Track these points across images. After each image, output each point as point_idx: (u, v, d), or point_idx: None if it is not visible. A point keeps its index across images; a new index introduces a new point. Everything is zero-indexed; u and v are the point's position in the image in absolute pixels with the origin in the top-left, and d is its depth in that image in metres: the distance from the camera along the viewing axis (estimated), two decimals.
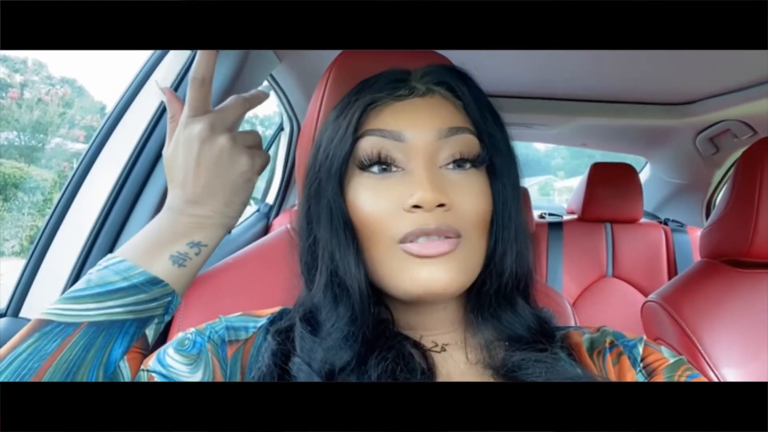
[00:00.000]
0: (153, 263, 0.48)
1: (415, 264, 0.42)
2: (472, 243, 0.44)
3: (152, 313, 0.47)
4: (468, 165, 0.45)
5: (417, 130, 0.44)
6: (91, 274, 0.47)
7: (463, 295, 0.47)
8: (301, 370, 0.42)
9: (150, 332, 0.48)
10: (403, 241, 0.42)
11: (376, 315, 0.45)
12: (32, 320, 0.44)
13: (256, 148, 0.55)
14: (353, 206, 0.45)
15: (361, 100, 0.47)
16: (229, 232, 0.55)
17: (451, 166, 0.45)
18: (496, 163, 0.47)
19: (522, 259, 0.47)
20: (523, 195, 0.50)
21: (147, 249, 0.49)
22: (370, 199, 0.44)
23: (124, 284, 0.46)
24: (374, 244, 0.44)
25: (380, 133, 0.45)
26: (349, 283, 0.44)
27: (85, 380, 0.42)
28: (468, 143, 0.45)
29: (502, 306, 0.48)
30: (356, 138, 0.45)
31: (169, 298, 0.49)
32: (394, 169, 0.45)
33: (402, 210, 0.43)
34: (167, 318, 0.50)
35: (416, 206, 0.42)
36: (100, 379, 0.43)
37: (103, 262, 0.48)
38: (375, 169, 0.45)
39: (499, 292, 0.47)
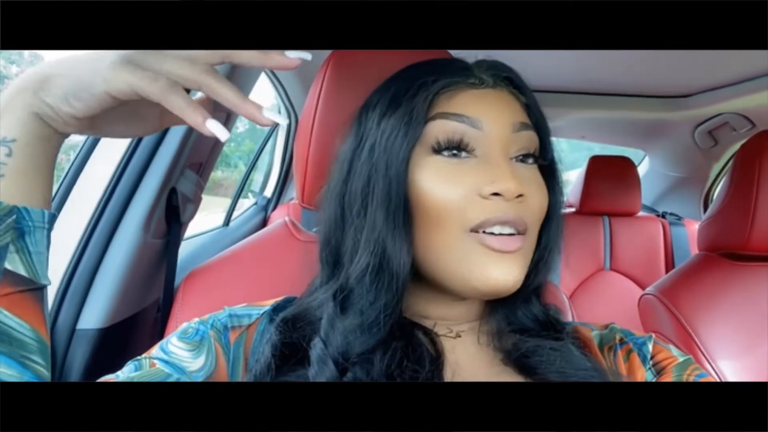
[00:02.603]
0: None
1: (489, 258, 0.41)
2: (531, 239, 0.45)
3: None
4: (531, 160, 0.46)
5: (494, 121, 0.44)
6: None
7: None
8: (321, 358, 0.41)
9: (15, 264, 0.37)
10: (476, 229, 0.41)
11: None
12: None
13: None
14: (420, 189, 0.43)
15: (436, 82, 0.45)
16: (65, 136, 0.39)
17: (514, 160, 0.45)
18: (554, 161, 0.49)
19: (557, 256, 0.48)
20: None
21: None
22: (442, 183, 0.43)
23: None
24: (441, 229, 0.42)
25: (457, 118, 0.44)
26: (395, 269, 0.42)
27: None
28: (534, 140, 0.46)
29: (520, 301, 0.48)
30: (427, 120, 0.44)
31: (13, 216, 0.37)
32: (464, 155, 0.44)
33: (478, 196, 0.42)
34: (40, 235, 0.39)
35: (495, 194, 0.41)
36: None
37: None
38: (446, 153, 0.44)
39: (534, 289, 0.48)
